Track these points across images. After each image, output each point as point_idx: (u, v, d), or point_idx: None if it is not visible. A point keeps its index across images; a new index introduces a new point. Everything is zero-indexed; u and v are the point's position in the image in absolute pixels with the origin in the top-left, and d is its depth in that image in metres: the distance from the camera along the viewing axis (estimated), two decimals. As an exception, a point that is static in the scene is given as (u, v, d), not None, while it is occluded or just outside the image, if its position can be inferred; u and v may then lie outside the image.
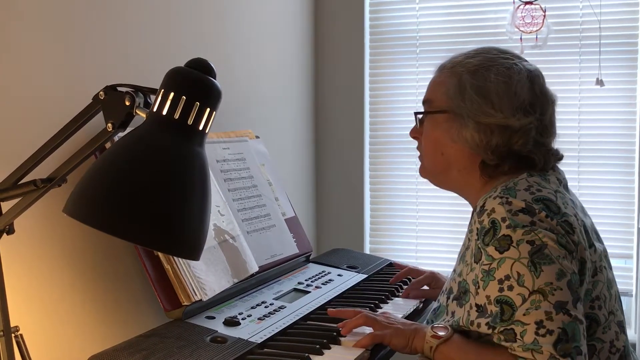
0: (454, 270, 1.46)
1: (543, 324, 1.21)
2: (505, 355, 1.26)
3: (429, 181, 1.55)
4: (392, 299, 1.83)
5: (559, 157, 1.46)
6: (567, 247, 1.27)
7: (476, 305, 1.31)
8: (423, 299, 1.84)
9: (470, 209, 1.49)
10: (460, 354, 1.33)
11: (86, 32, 1.56)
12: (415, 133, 1.55)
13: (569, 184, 1.47)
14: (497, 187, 1.37)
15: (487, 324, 1.28)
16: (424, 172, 1.54)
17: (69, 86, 1.50)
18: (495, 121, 1.37)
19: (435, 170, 1.51)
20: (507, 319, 1.25)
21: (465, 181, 1.46)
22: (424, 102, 1.51)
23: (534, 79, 1.42)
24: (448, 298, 1.43)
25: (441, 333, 1.36)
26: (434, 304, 1.52)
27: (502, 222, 1.28)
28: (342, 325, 1.49)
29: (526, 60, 1.46)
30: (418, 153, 1.56)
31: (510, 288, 1.25)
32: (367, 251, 2.97)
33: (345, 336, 1.48)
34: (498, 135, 1.37)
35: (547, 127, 1.42)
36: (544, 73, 1.47)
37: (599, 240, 1.43)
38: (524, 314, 1.23)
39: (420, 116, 1.53)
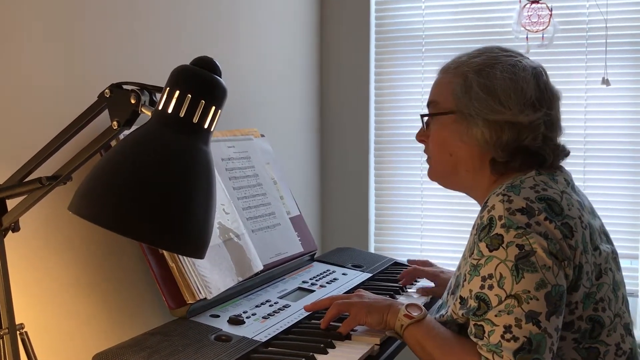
0: (457, 267, 1.47)
1: (511, 329, 1.22)
2: (472, 350, 1.27)
3: (438, 184, 1.54)
4: (396, 298, 1.83)
5: (567, 153, 1.45)
6: (558, 256, 1.26)
7: (460, 297, 1.33)
8: (430, 296, 1.84)
9: (477, 208, 1.49)
10: (426, 338, 1.36)
11: (92, 30, 1.56)
12: (421, 136, 1.54)
13: (575, 184, 1.47)
14: (504, 184, 1.37)
15: (463, 314, 1.31)
16: (433, 174, 1.53)
17: (75, 84, 1.50)
18: (504, 118, 1.37)
19: (444, 172, 1.50)
20: (480, 314, 1.27)
21: (474, 180, 1.46)
22: (429, 104, 1.50)
23: (538, 75, 1.42)
24: (447, 293, 1.45)
25: (414, 313, 1.40)
26: (440, 301, 1.54)
27: (499, 220, 1.28)
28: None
29: (528, 58, 1.46)
30: (423, 152, 1.55)
31: (491, 287, 1.26)
32: (371, 250, 2.96)
33: (344, 335, 1.49)
34: (508, 132, 1.37)
35: (554, 123, 1.42)
36: (549, 72, 1.47)
37: (609, 242, 1.43)
38: (496, 315, 1.24)
39: (426, 118, 1.52)
